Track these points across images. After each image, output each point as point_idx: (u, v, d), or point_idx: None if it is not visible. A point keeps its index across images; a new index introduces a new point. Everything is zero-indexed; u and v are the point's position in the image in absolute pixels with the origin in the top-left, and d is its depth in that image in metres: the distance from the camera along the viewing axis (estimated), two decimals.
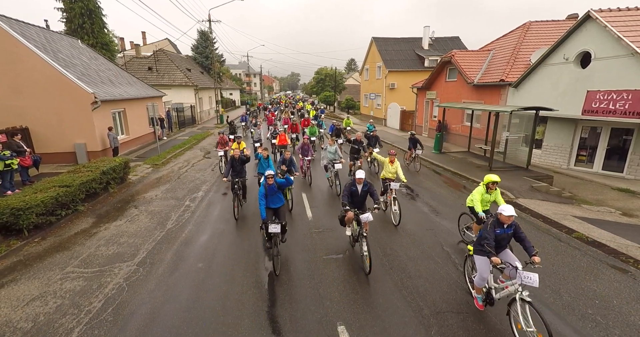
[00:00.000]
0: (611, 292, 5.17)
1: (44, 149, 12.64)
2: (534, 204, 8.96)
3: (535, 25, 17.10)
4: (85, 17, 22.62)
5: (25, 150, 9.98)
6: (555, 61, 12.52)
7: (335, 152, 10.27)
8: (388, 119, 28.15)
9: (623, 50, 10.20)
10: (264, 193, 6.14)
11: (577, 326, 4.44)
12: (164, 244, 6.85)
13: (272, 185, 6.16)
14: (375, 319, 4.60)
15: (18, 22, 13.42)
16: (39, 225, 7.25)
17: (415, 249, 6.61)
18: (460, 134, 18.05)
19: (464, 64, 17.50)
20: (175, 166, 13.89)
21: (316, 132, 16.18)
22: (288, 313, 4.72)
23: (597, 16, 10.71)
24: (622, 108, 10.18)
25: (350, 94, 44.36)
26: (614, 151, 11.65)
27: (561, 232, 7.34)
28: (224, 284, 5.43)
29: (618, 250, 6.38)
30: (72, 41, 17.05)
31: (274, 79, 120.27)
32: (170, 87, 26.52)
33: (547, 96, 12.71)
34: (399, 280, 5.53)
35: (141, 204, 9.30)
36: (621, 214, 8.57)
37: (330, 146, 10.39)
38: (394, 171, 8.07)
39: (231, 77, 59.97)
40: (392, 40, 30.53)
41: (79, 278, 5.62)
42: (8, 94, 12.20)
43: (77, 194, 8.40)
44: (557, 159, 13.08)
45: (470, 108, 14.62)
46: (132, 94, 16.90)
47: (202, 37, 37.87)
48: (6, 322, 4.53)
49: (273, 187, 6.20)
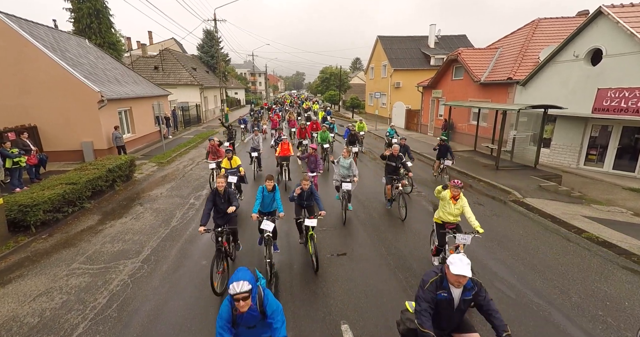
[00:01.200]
0: (622, 293, 5.04)
1: (52, 147, 12.80)
2: (542, 204, 8.80)
3: (544, 23, 16.81)
4: (93, 17, 22.86)
5: (32, 149, 10.08)
6: (564, 58, 12.29)
7: (349, 166, 8.00)
8: (393, 118, 27.98)
9: (636, 47, 9.95)
10: None
11: (587, 327, 4.33)
12: (168, 242, 6.87)
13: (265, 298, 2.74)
14: (379, 317, 4.55)
15: (27, 22, 13.59)
16: (46, 222, 7.32)
17: (421, 247, 6.54)
18: (466, 133, 17.85)
19: (470, 62, 17.29)
20: (180, 164, 13.96)
21: (328, 137, 13.31)
22: (291, 311, 4.68)
23: (609, 12, 10.47)
24: (634, 106, 9.95)
25: (355, 93, 44.19)
26: (626, 150, 11.40)
27: (570, 232, 7.19)
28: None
29: (629, 251, 6.23)
30: (79, 40, 17.24)
31: (279, 79, 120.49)
32: (176, 86, 26.68)
33: (556, 94, 12.49)
34: (404, 279, 5.47)
35: (146, 202, 9.35)
36: (632, 215, 8.38)
37: (344, 159, 8.07)
38: (458, 213, 5.23)
39: (236, 76, 60.21)
40: (398, 38, 30.32)
41: (85, 274, 5.65)
42: (17, 93, 12.37)
43: (83, 192, 8.47)
44: (566, 158, 12.85)
45: (477, 107, 14.44)
46: (138, 92, 17.03)
47: (208, 37, 38.02)
48: (13, 317, 4.57)
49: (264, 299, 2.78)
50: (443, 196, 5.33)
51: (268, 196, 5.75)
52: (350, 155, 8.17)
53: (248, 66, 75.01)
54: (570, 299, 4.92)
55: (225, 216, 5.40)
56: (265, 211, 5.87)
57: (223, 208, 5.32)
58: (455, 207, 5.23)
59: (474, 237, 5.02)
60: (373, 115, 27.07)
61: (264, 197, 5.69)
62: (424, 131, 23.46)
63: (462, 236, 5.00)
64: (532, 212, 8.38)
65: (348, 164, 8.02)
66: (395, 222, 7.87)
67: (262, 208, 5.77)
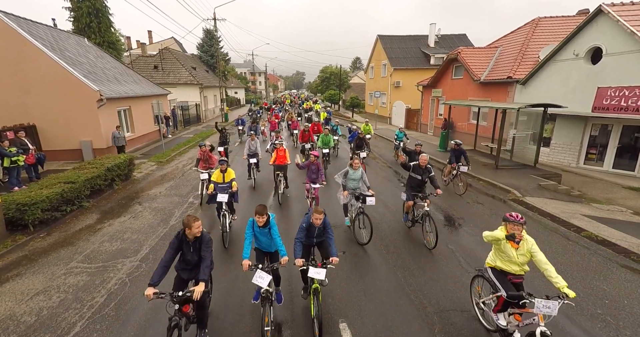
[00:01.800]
0: (622, 292, 5.03)
1: (51, 146, 12.78)
2: (542, 203, 8.79)
3: (545, 21, 16.78)
4: (93, 16, 22.81)
5: (29, 148, 10.02)
6: (564, 57, 12.26)
7: (360, 178, 6.71)
8: (393, 117, 27.96)
9: (636, 45, 9.93)
10: None
11: (586, 325, 4.32)
12: (167, 240, 6.83)
13: None
14: (378, 316, 4.53)
15: (26, 21, 13.57)
16: (44, 220, 7.31)
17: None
18: (466, 132, 17.82)
19: (470, 61, 17.27)
20: (179, 164, 13.94)
21: (331, 141, 12.06)
22: (289, 310, 4.67)
23: (609, 10, 10.45)
24: (634, 105, 9.92)
25: (355, 92, 44.18)
26: (625, 149, 11.38)
27: (570, 231, 7.18)
28: (226, 281, 5.40)
29: (629, 249, 6.22)
30: (78, 39, 17.21)
31: (279, 78, 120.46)
32: (175, 86, 26.66)
33: (556, 93, 12.46)
34: (402, 277, 5.45)
35: (145, 201, 9.33)
36: (632, 213, 8.36)
37: (353, 170, 6.68)
38: (525, 261, 3.69)
39: (236, 75, 60.16)
40: (398, 38, 30.27)
41: (83, 273, 5.64)
42: (16, 92, 12.34)
43: (82, 191, 8.46)
44: (565, 157, 12.82)
45: (477, 105, 14.41)
46: (138, 92, 17.00)
47: (208, 36, 37.99)
48: (10, 316, 4.56)
49: None
50: (495, 236, 3.72)
51: (262, 233, 4.31)
52: (360, 166, 6.84)
53: (248, 65, 74.97)
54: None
55: (193, 269, 3.86)
56: (265, 251, 4.52)
57: (192, 260, 3.81)
58: (518, 252, 3.64)
59: (563, 305, 3.28)
60: (373, 115, 27.04)
61: (256, 234, 4.35)
62: (424, 130, 23.44)
63: (544, 302, 3.24)
64: (531, 211, 8.36)
65: (359, 175, 6.69)
66: (420, 250, 6.34)
67: (259, 246, 4.48)
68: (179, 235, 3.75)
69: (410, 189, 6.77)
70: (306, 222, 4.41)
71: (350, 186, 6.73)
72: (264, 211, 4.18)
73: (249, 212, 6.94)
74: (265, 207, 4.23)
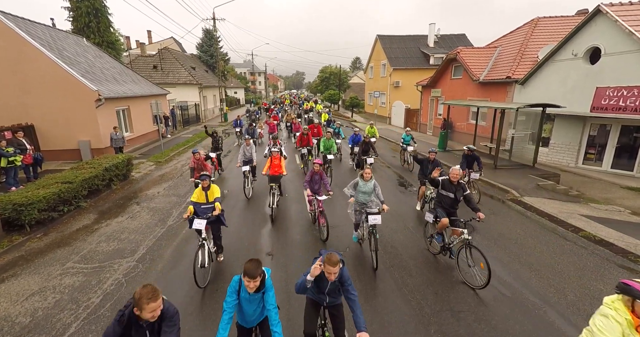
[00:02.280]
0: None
1: (49, 146, 12.76)
2: (540, 203, 8.78)
3: (544, 21, 16.77)
4: (92, 16, 22.80)
5: (27, 148, 9.98)
6: (563, 57, 12.26)
7: (372, 191, 5.86)
8: (392, 117, 27.95)
9: (634, 45, 9.92)
10: None
11: (582, 326, 4.25)
12: (164, 241, 6.84)
13: None
14: (375, 315, 4.52)
15: (24, 20, 13.55)
16: (41, 221, 7.29)
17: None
18: (465, 132, 17.81)
19: (469, 61, 17.26)
20: (178, 164, 13.93)
21: (333, 146, 10.82)
22: (285, 310, 4.65)
23: (608, 10, 10.44)
24: (632, 105, 9.92)
25: (355, 92, 44.14)
26: (624, 149, 11.37)
27: (567, 231, 7.16)
28: (222, 281, 5.39)
29: (626, 249, 6.20)
30: (77, 39, 17.20)
31: (279, 78, 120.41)
32: (174, 86, 26.64)
33: (555, 93, 12.45)
34: (400, 278, 5.43)
35: (143, 201, 9.32)
36: (630, 213, 8.35)
37: (364, 182, 5.90)
38: None
39: (236, 75, 60.13)
40: (397, 37, 30.27)
41: (79, 274, 5.63)
42: (15, 92, 12.33)
43: (79, 191, 8.44)
44: (564, 157, 12.82)
45: (476, 105, 14.39)
46: (137, 91, 16.98)
47: (207, 36, 37.96)
48: (5, 317, 4.54)
49: None
50: (610, 313, 2.48)
51: (251, 299, 2.98)
52: (372, 178, 5.91)
53: (248, 65, 74.96)
54: (565, 297, 4.89)
55: None
56: (249, 327, 3.19)
57: None
58: None
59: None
60: (372, 115, 27.03)
61: (241, 301, 2.98)
62: (423, 130, 23.44)
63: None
64: (529, 210, 8.34)
65: (371, 188, 5.83)
66: (460, 288, 5.15)
67: (241, 320, 3.16)
68: (123, 317, 2.43)
69: (437, 207, 5.79)
70: (306, 273, 3.09)
71: (360, 199, 5.92)
72: (257, 271, 2.76)
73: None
74: (259, 263, 2.83)
